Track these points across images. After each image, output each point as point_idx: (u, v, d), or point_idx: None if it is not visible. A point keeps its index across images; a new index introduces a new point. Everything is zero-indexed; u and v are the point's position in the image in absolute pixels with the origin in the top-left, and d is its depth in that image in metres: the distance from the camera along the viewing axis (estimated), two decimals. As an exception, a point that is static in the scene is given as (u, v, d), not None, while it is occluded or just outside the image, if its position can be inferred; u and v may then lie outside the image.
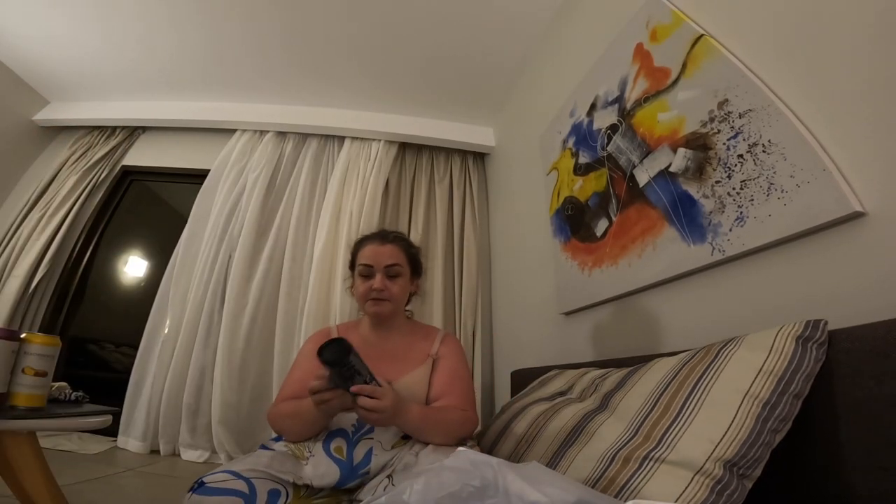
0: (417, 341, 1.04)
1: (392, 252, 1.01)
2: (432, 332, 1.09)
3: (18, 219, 2.43)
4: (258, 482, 0.69)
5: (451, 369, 0.99)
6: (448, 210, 2.52)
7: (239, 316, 2.12)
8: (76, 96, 2.72)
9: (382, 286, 0.97)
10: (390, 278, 1.00)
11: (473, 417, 0.93)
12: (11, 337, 0.86)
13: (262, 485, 0.70)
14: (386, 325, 1.04)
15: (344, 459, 0.82)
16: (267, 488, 0.70)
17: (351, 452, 0.83)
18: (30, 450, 0.88)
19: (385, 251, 1.01)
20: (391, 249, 1.02)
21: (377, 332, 1.04)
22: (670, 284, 1.03)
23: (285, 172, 2.54)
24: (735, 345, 0.64)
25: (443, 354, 1.01)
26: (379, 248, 1.01)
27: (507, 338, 2.09)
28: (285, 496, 0.72)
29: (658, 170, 1.06)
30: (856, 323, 0.57)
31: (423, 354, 1.01)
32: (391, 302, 0.99)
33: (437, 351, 1.02)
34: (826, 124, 0.71)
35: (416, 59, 2.22)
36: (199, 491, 0.65)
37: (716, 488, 0.52)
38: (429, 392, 0.95)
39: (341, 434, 0.86)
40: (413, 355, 1.00)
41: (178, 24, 2.13)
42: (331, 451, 0.83)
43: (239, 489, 0.66)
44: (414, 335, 1.06)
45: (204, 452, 1.93)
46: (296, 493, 0.75)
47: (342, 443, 0.84)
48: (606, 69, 1.38)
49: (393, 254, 1.01)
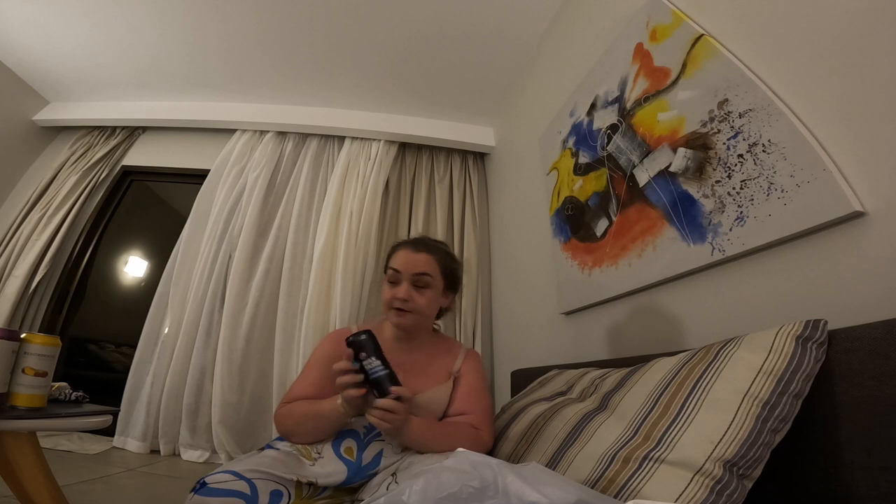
0: (440, 356, 1.01)
1: (424, 261, 0.95)
2: (455, 347, 1.05)
3: (18, 219, 2.43)
4: (260, 483, 0.69)
5: (470, 387, 0.96)
6: (448, 210, 2.52)
7: (239, 316, 2.12)
8: (76, 96, 2.72)
9: (407, 296, 0.92)
10: (417, 288, 0.94)
11: (486, 439, 0.90)
12: (11, 337, 0.86)
13: (264, 485, 0.69)
14: (408, 337, 0.99)
15: (353, 460, 0.82)
16: (269, 489, 0.70)
17: (361, 454, 0.83)
18: (30, 450, 0.88)
19: (417, 259, 0.95)
20: (424, 258, 0.95)
21: (399, 343, 0.99)
22: (670, 284, 1.03)
23: (285, 172, 2.54)
24: (735, 345, 0.64)
25: (464, 372, 0.98)
26: (411, 255, 0.95)
27: (507, 338, 2.08)
28: (287, 497, 0.72)
29: (658, 169, 1.06)
30: (856, 323, 0.57)
31: (445, 371, 0.97)
32: (414, 314, 0.94)
33: (460, 369, 0.99)
34: (826, 124, 0.71)
35: (416, 58, 2.21)
36: (201, 492, 0.65)
37: (715, 488, 0.52)
38: (448, 408, 0.93)
39: (352, 435, 0.86)
40: (434, 371, 0.97)
41: (178, 24, 2.13)
42: (341, 452, 0.83)
43: (240, 490, 0.67)
44: (437, 350, 1.02)
45: (204, 452, 1.93)
46: (298, 493, 0.75)
47: (353, 444, 0.84)
48: (606, 69, 1.38)
49: (425, 263, 0.95)
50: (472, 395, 0.95)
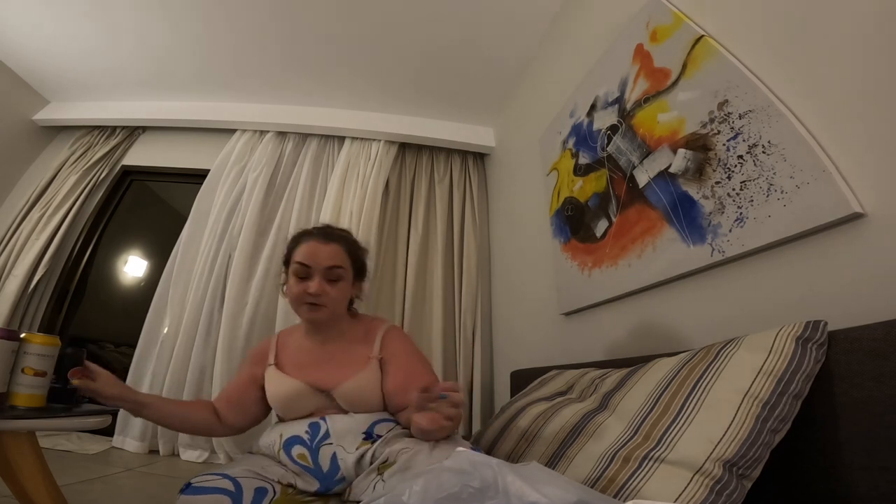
0: (357, 343, 0.97)
1: (334, 252, 0.91)
2: (374, 329, 0.99)
3: (18, 218, 2.42)
4: (244, 480, 0.70)
5: (404, 368, 0.92)
6: (448, 210, 2.52)
7: (238, 316, 2.12)
8: (76, 96, 2.72)
9: (320, 290, 0.88)
10: (330, 282, 0.90)
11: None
12: (11, 337, 0.86)
13: (249, 482, 0.70)
14: (323, 330, 0.96)
15: (311, 467, 0.80)
16: (253, 486, 0.71)
17: (316, 459, 0.80)
18: (30, 450, 0.88)
19: (326, 251, 0.90)
20: (333, 249, 0.91)
21: (312, 337, 0.97)
22: (670, 285, 1.03)
23: (285, 172, 2.53)
24: (735, 345, 0.64)
25: (391, 354, 0.94)
26: (319, 247, 0.90)
27: (507, 338, 2.08)
28: (272, 493, 0.72)
29: (658, 170, 1.06)
30: (855, 324, 0.57)
31: (363, 357, 0.94)
32: (328, 307, 0.91)
33: (379, 352, 0.94)
34: (826, 125, 0.71)
35: (416, 58, 2.21)
36: (187, 491, 0.67)
37: (715, 488, 0.52)
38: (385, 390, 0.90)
39: (298, 441, 0.84)
40: (354, 358, 0.93)
41: (178, 24, 2.13)
42: (294, 457, 0.82)
43: (225, 487, 0.68)
44: (354, 336, 0.98)
45: (203, 452, 1.93)
46: (283, 490, 0.75)
47: (303, 450, 0.82)
48: (606, 70, 1.38)
49: (335, 254, 0.91)
50: (407, 376, 0.91)
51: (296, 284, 0.90)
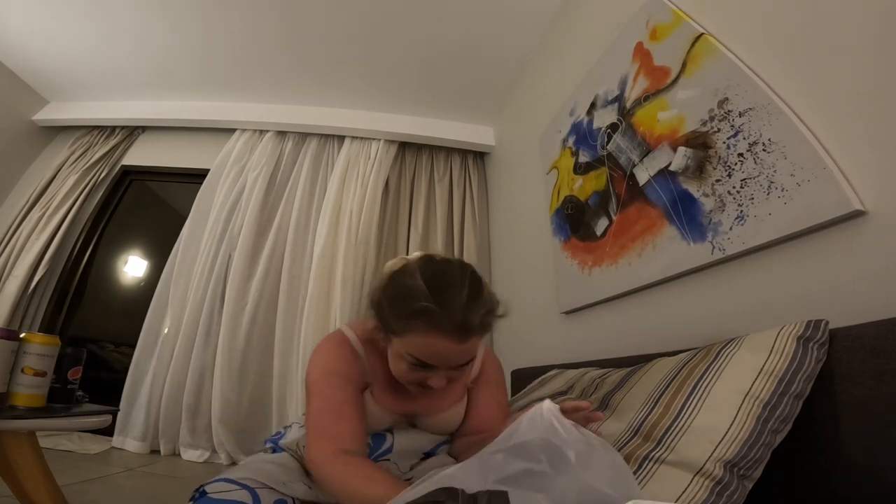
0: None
1: (470, 348, 0.68)
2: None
3: (18, 218, 2.42)
4: (262, 492, 0.66)
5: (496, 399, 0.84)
6: (448, 209, 2.52)
7: (239, 315, 2.12)
8: (75, 96, 2.72)
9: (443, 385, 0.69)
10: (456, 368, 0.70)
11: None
12: (11, 337, 0.86)
13: (267, 495, 0.66)
14: None
15: None
16: (272, 499, 0.66)
17: None
18: (30, 449, 0.88)
19: (460, 351, 0.67)
20: (470, 346, 0.67)
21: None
22: (670, 283, 1.03)
23: (285, 172, 2.53)
24: (736, 345, 0.64)
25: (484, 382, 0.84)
26: (453, 349, 0.66)
27: (507, 337, 2.08)
28: None
29: (658, 168, 1.06)
30: (856, 321, 0.57)
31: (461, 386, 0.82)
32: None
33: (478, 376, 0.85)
34: (827, 122, 0.71)
35: (416, 58, 2.21)
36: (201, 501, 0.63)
37: (716, 489, 0.52)
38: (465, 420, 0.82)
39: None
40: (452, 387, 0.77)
41: (178, 24, 2.13)
42: None
43: (242, 500, 0.63)
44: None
45: (204, 452, 1.93)
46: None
47: None
48: (606, 68, 1.38)
49: (470, 350, 0.68)
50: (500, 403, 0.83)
51: (409, 371, 0.69)
